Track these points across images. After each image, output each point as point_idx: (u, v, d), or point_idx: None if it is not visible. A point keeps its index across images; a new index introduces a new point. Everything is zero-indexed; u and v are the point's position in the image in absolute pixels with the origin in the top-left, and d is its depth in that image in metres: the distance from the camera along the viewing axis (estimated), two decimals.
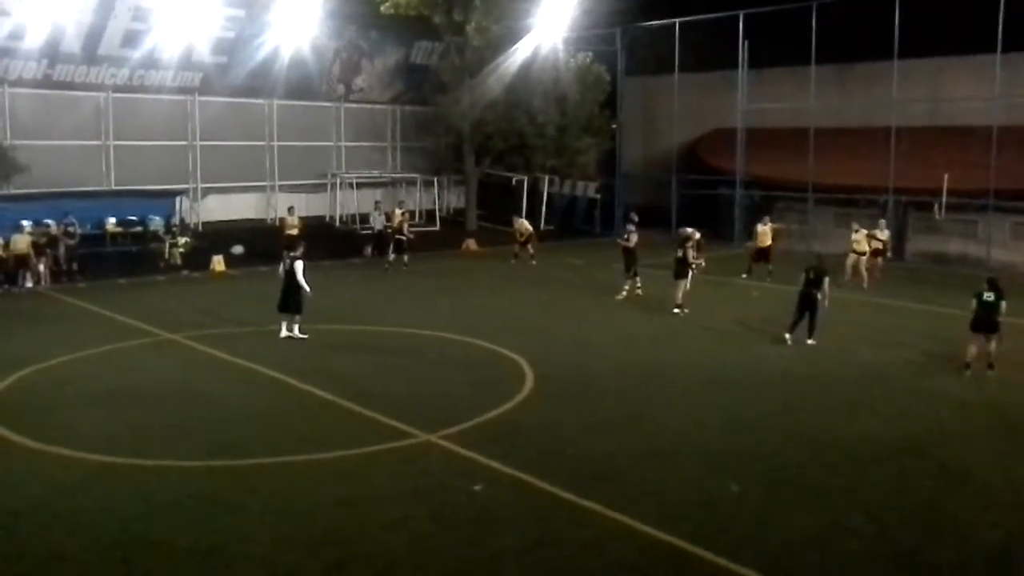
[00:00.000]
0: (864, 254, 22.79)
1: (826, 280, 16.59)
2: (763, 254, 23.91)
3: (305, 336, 16.55)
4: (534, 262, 26.29)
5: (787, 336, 16.41)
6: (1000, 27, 25.33)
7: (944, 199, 25.90)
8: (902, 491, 9.82)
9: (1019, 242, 26.91)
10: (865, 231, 23.12)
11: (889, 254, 24.15)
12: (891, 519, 9.07)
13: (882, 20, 27.55)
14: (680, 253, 19.42)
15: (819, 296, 16.34)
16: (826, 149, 29.14)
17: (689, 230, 20.45)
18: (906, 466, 10.56)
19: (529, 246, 26.98)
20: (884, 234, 23.45)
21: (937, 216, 26.07)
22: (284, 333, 16.61)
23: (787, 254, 29.25)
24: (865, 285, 22.21)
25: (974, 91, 27.46)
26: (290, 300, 16.51)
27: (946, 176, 25.69)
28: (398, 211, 26.59)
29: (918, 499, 9.61)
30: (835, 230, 28.25)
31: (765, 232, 24.04)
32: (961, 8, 25.80)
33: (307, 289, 16.49)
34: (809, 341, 16.30)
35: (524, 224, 27.78)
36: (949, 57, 28.23)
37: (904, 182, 27.68)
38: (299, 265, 16.50)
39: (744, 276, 23.63)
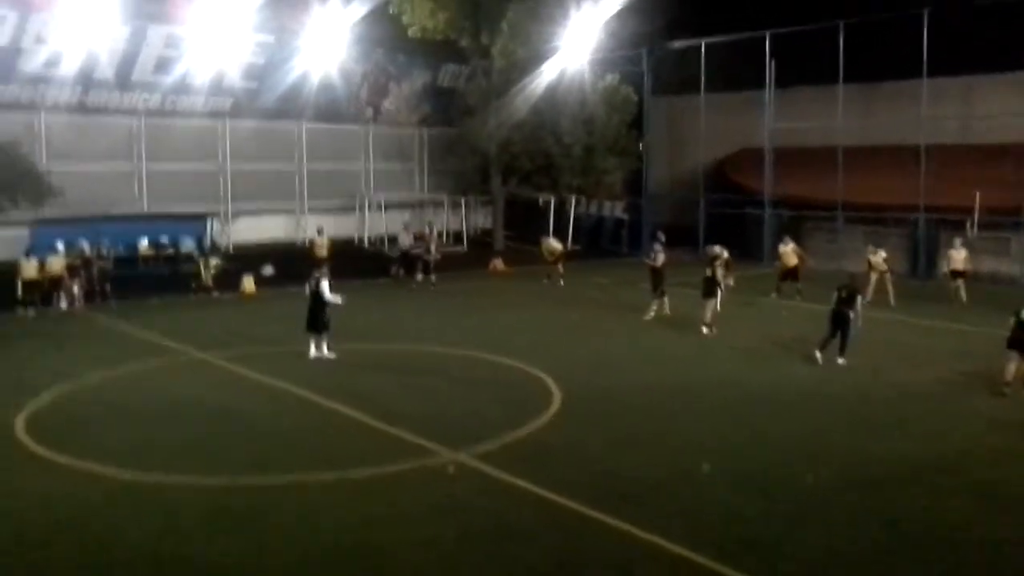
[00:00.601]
0: (884, 272, 22.74)
1: (859, 299, 16.49)
2: (790, 274, 23.79)
3: (334, 356, 16.64)
4: (562, 282, 26.27)
5: (818, 354, 16.27)
6: None
7: (976, 217, 25.59)
8: (934, 512, 9.66)
9: None
10: (883, 253, 23.18)
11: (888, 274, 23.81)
12: (922, 540, 8.93)
13: (909, 39, 27.42)
14: (709, 272, 19.33)
15: (851, 315, 16.19)
16: (855, 168, 28.96)
17: (717, 249, 20.33)
18: (938, 486, 10.40)
19: (559, 265, 26.93)
20: (877, 256, 23.21)
21: (968, 234, 25.76)
22: (313, 353, 16.71)
23: (816, 273, 29.07)
24: (892, 302, 22.01)
25: (1006, 108, 27.18)
26: (318, 319, 16.62)
27: (977, 194, 25.41)
28: (426, 231, 27.45)
29: (950, 520, 9.44)
30: (865, 249, 27.95)
31: (788, 252, 24.02)
32: (991, 26, 25.62)
33: (338, 301, 16.57)
34: (840, 360, 16.15)
35: (552, 244, 27.73)
36: (979, 75, 27.99)
37: (934, 200, 27.41)
38: (325, 284, 16.60)
39: (773, 295, 23.45)
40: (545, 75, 31.92)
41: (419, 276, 26.20)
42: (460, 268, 29.49)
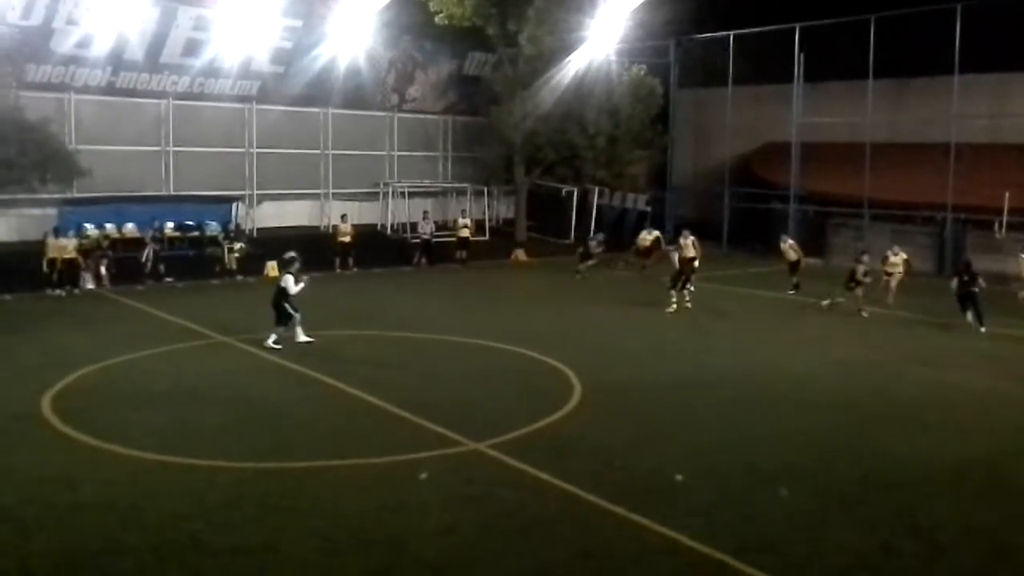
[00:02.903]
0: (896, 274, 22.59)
1: (979, 278, 18.80)
2: (789, 269, 24.01)
3: (279, 346, 16.42)
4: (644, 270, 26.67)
5: (983, 330, 18.42)
6: None
7: (1005, 217, 25.28)
8: (959, 514, 9.57)
9: None
10: (903, 255, 22.87)
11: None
12: (946, 543, 8.85)
13: (942, 34, 27.06)
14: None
15: (976, 290, 18.54)
16: (882, 164, 28.67)
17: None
18: (964, 488, 10.31)
19: (651, 258, 27.30)
20: (898, 258, 22.97)
21: (997, 235, 25.46)
22: (301, 338, 16.62)
23: (841, 271, 28.85)
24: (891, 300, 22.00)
25: None
26: (281, 312, 16.56)
27: (1007, 194, 25.09)
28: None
29: (975, 523, 9.35)
30: (891, 247, 27.72)
31: (786, 249, 24.08)
32: (1023, 22, 25.23)
33: (300, 287, 16.47)
34: (981, 329, 18.39)
35: (644, 235, 28.08)
36: (1012, 72, 27.58)
37: (963, 199, 27.10)
38: (288, 279, 16.53)
39: (791, 292, 23.30)
40: (571, 65, 31.77)
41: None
42: (482, 258, 29.54)
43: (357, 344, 16.89)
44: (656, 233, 28.69)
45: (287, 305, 16.52)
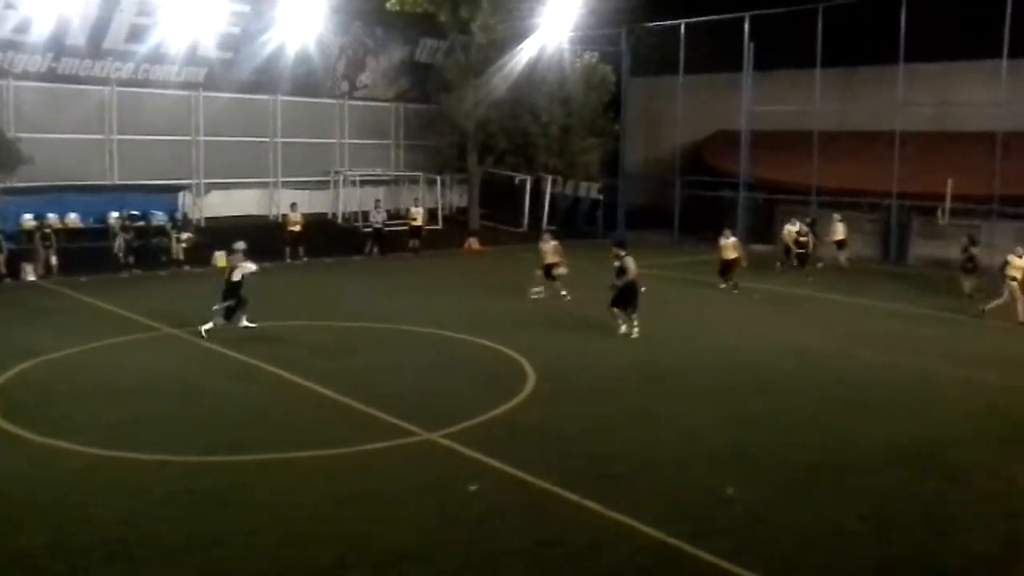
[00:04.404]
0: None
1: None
2: (727, 267, 22.48)
3: (204, 334, 16.33)
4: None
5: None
6: (1007, 32, 25.30)
7: (948, 204, 25.82)
8: (906, 495, 9.77)
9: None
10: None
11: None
12: (894, 523, 9.03)
13: (888, 24, 27.51)
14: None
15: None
16: (830, 152, 29.10)
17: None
18: (912, 470, 10.52)
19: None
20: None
21: (940, 221, 26.02)
22: (244, 323, 16.50)
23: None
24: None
25: (980, 96, 27.40)
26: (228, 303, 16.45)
27: (950, 181, 25.63)
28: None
29: (922, 503, 9.56)
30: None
31: (727, 246, 22.48)
32: (968, 13, 25.75)
33: (249, 270, 16.51)
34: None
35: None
36: (956, 62, 28.15)
37: (908, 187, 27.63)
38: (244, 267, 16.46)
39: (722, 286, 22.48)
40: (524, 52, 31.70)
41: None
42: (435, 246, 29.40)
43: (308, 335, 16.70)
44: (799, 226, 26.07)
45: (234, 294, 16.31)
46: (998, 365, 15.44)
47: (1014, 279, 18.42)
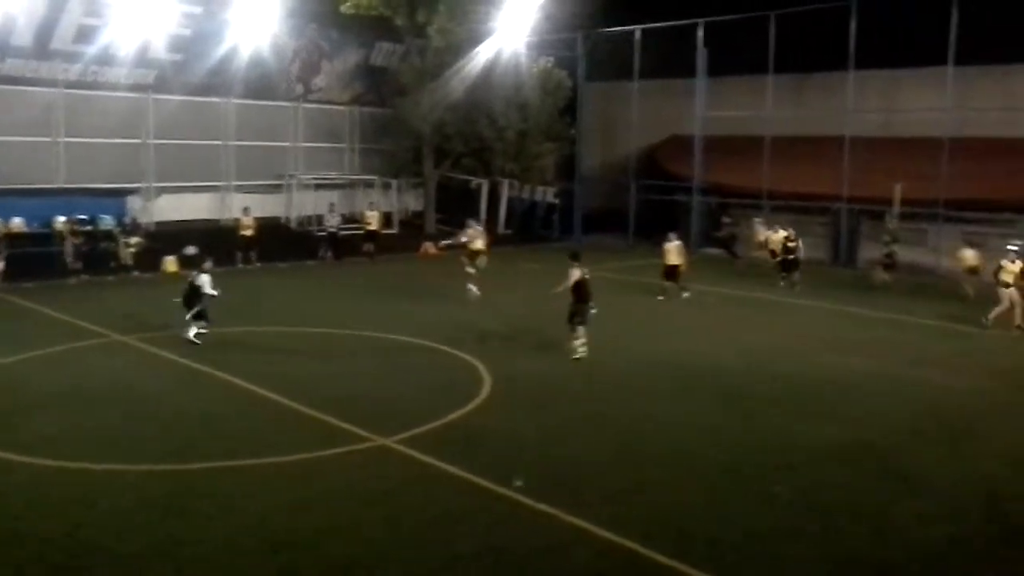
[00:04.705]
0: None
1: None
2: (671, 273, 21.96)
3: (198, 341, 16.16)
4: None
5: None
6: (952, 40, 25.88)
7: (896, 208, 26.31)
8: (853, 493, 9.93)
9: (968, 252, 27.40)
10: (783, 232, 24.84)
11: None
12: (841, 521, 9.17)
13: (838, 31, 27.99)
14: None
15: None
16: (782, 157, 29.50)
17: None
18: (859, 469, 10.69)
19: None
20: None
21: (889, 225, 26.48)
22: (191, 335, 16.23)
23: (741, 260, 29.61)
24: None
25: (926, 103, 27.97)
26: (191, 307, 16.31)
27: (898, 186, 26.12)
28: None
29: (868, 501, 9.72)
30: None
31: (670, 250, 21.92)
32: (915, 21, 26.30)
33: (214, 294, 16.38)
34: None
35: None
36: (903, 69, 28.72)
37: (857, 191, 28.11)
38: (205, 278, 16.29)
39: (660, 298, 21.90)
40: (480, 57, 31.69)
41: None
42: (391, 251, 29.24)
43: (261, 341, 16.49)
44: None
45: (199, 302, 16.08)
46: (943, 365, 15.77)
47: (1008, 285, 18.73)
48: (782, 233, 25.04)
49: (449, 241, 20.22)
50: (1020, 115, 26.80)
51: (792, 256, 24.18)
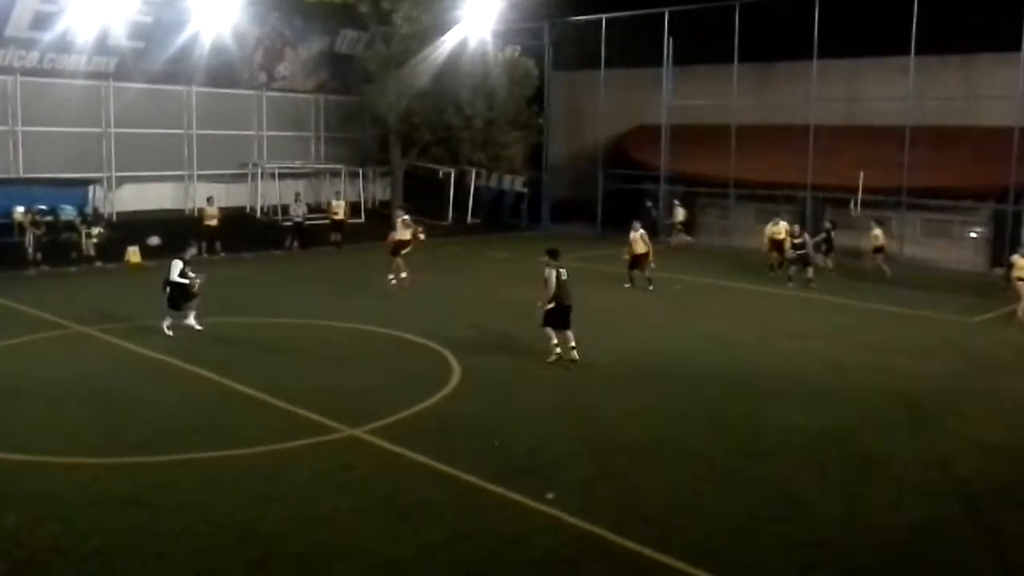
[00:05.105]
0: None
1: None
2: (637, 262, 21.84)
3: (171, 333, 15.92)
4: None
5: None
6: (914, 30, 26.18)
7: (860, 196, 26.59)
8: (821, 479, 10.03)
9: (930, 238, 27.85)
10: (785, 225, 24.02)
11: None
12: (809, 507, 9.26)
13: (803, 21, 28.16)
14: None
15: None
16: (748, 146, 29.67)
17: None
18: (827, 454, 10.80)
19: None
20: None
21: (853, 212, 26.78)
22: (166, 328, 15.95)
23: (708, 248, 29.88)
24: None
25: (889, 92, 28.28)
26: (172, 298, 16.00)
27: (862, 173, 26.39)
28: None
29: (836, 486, 9.82)
30: (756, 225, 28.89)
31: (636, 240, 21.75)
32: (878, 11, 26.55)
33: (185, 280, 15.93)
34: None
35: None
36: (866, 58, 28.99)
37: (822, 179, 28.38)
38: (175, 266, 15.91)
39: (627, 285, 21.94)
40: (447, 45, 31.51)
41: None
42: (357, 240, 29.03)
43: (227, 332, 16.29)
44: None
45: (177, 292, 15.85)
46: (908, 352, 15.98)
47: (1021, 279, 18.83)
48: (783, 226, 23.86)
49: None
50: (980, 104, 27.23)
51: (803, 252, 22.77)
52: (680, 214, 30.64)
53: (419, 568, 7.87)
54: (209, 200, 27.20)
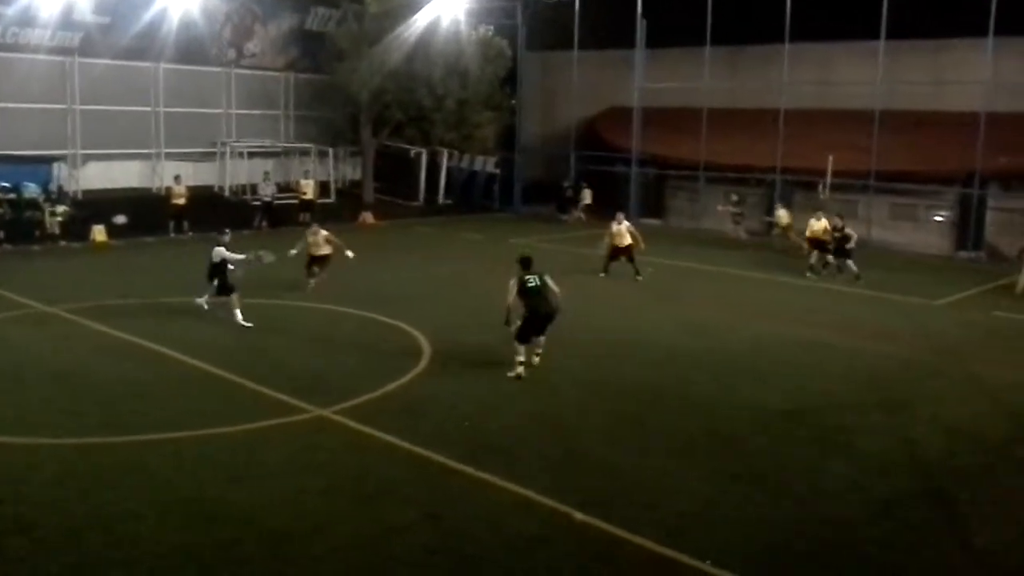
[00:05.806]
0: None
1: None
2: (621, 253, 21.22)
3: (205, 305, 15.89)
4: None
5: None
6: (884, 15, 26.36)
7: (828, 179, 26.80)
8: (786, 458, 10.16)
9: (897, 222, 28.17)
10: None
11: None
12: (779, 486, 9.37)
13: (775, 5, 28.26)
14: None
15: None
16: (719, 129, 29.78)
17: None
18: (791, 434, 10.94)
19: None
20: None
21: (821, 196, 26.97)
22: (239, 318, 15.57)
23: (677, 231, 30.02)
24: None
25: (859, 76, 28.47)
26: (221, 285, 15.81)
27: (831, 157, 26.59)
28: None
29: (800, 466, 9.95)
30: (725, 208, 29.13)
31: (621, 231, 21.20)
32: None
33: (239, 258, 15.91)
34: None
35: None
36: (837, 43, 29.14)
37: (791, 162, 28.57)
38: (218, 250, 15.80)
39: (602, 275, 21.27)
40: (419, 23, 31.24)
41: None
42: (328, 220, 28.75)
43: (194, 312, 16.12)
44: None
45: (226, 278, 15.68)
46: (875, 334, 16.17)
47: None
48: (824, 222, 22.29)
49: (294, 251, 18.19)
50: (948, 89, 27.49)
51: (849, 245, 21.53)
52: (587, 196, 32.29)
53: (388, 547, 7.86)
54: (177, 179, 26.84)
